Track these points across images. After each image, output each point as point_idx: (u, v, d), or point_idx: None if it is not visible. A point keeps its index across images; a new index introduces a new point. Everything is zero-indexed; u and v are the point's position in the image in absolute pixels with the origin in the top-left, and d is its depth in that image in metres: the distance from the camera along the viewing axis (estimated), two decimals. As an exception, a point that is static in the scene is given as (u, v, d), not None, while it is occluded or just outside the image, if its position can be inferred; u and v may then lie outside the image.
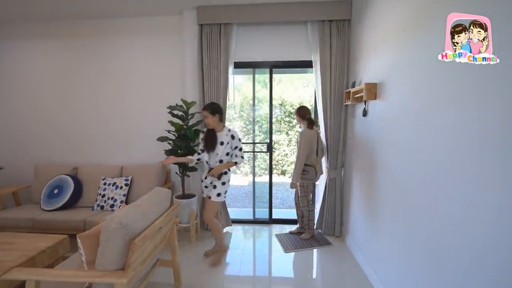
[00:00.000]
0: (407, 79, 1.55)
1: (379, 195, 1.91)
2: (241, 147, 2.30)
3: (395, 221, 1.68)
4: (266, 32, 2.81)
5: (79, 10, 2.81)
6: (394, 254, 1.68)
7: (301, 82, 5.75)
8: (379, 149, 1.94)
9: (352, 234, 2.52)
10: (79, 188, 2.81)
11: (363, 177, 2.25)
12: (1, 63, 3.18)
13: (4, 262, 1.60)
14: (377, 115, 1.99)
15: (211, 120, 2.18)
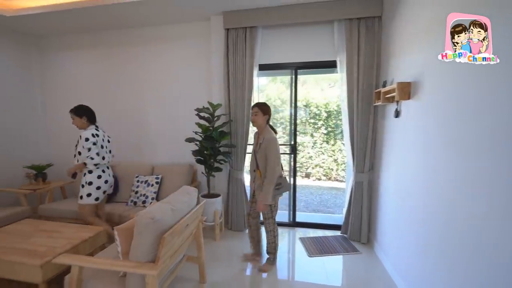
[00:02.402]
0: (446, 78, 1.43)
1: (414, 202, 1.79)
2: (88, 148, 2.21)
3: (431, 231, 1.56)
4: (290, 33, 2.80)
5: (118, 21, 3.07)
6: (431, 266, 1.55)
7: (327, 83, 5.62)
8: (413, 152, 1.82)
9: (382, 242, 2.39)
10: (116, 184, 3.05)
11: (395, 182, 2.12)
12: (53, 71, 3.60)
13: (54, 248, 1.80)
14: (411, 116, 1.87)
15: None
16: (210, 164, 2.76)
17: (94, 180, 2.30)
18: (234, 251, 2.55)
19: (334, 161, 5.51)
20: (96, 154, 2.25)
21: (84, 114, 2.32)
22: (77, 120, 2.30)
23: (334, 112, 5.36)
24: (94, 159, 2.24)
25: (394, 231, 2.13)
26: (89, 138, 2.23)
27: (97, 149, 2.27)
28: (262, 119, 2.12)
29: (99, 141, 2.32)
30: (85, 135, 2.23)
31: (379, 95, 2.27)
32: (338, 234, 2.90)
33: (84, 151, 2.23)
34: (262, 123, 2.13)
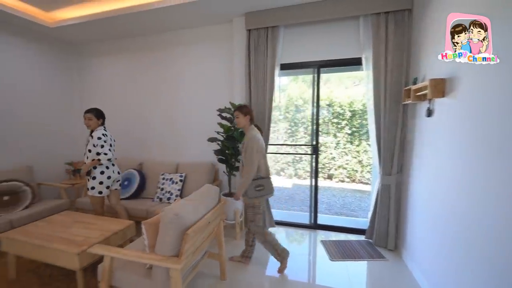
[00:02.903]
0: (488, 74, 1.30)
1: (451, 208, 1.65)
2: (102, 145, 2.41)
3: (472, 240, 1.42)
4: (313, 31, 2.75)
5: (145, 28, 3.24)
6: (470, 279, 1.42)
7: (352, 81, 5.41)
8: (448, 154, 1.68)
9: (412, 250, 2.24)
10: (143, 181, 3.23)
11: (429, 186, 1.98)
12: (89, 75, 3.92)
13: (89, 239, 1.95)
14: (445, 116, 1.73)
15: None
16: (231, 164, 2.80)
17: (97, 175, 2.46)
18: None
19: (359, 163, 5.28)
20: (108, 150, 2.44)
21: (101, 117, 2.56)
22: (94, 121, 2.49)
23: (359, 111, 5.14)
24: (107, 154, 2.42)
25: (426, 238, 1.98)
26: (101, 137, 2.44)
27: (107, 147, 2.46)
28: (244, 120, 2.13)
29: (108, 140, 2.51)
30: (97, 134, 2.44)
31: (409, 93, 2.13)
32: (362, 239, 2.78)
33: (96, 148, 2.42)
34: (245, 124, 2.15)
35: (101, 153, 2.40)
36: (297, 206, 4.35)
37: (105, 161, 2.44)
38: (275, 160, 5.86)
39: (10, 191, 2.76)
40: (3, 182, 2.76)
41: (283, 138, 5.59)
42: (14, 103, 3.18)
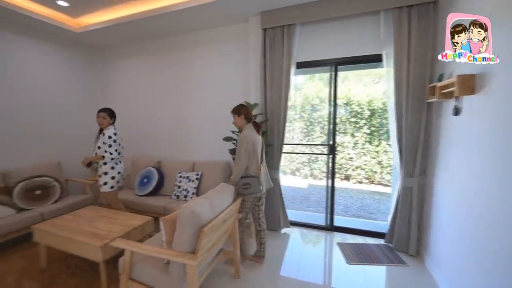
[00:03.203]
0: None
1: (481, 213, 1.54)
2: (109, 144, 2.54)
3: (504, 247, 1.32)
4: (330, 28, 2.68)
5: (164, 30, 3.34)
6: None
7: (371, 78, 5.22)
8: (478, 155, 1.57)
9: (436, 256, 2.12)
10: (162, 179, 3.33)
11: (456, 189, 1.86)
12: (112, 77, 4.11)
13: (111, 233, 2.05)
14: (475, 114, 1.61)
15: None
16: (247, 163, 2.81)
17: (109, 170, 2.60)
18: (268, 250, 2.55)
19: (378, 164, 5.09)
20: (114, 150, 2.59)
21: (113, 116, 2.71)
22: (107, 120, 2.64)
23: (379, 110, 4.94)
24: (112, 154, 2.57)
25: (453, 245, 1.86)
26: (112, 136, 2.58)
27: (116, 146, 2.61)
28: (239, 120, 2.17)
29: (118, 139, 2.66)
30: (108, 133, 2.59)
31: (434, 90, 2.02)
32: (382, 243, 2.67)
33: (105, 146, 2.55)
34: (242, 123, 2.18)
35: (107, 152, 2.55)
36: (313, 207, 4.28)
37: (108, 160, 2.58)
38: (290, 159, 5.81)
39: (42, 186, 2.97)
40: (36, 177, 2.97)
41: (298, 138, 5.52)
42: (44, 103, 3.41)
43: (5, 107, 2.99)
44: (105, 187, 2.60)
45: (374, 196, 4.76)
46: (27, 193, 2.82)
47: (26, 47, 3.19)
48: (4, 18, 2.91)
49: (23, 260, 2.38)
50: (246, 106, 2.23)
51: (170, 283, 1.52)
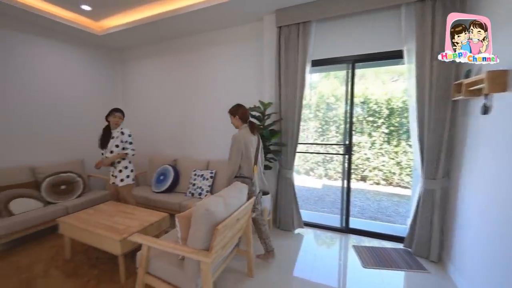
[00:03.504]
0: None
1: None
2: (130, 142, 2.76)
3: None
4: (347, 24, 2.61)
5: (180, 30, 3.40)
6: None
7: (390, 76, 5.02)
8: (510, 156, 1.45)
9: (460, 264, 2.00)
10: (177, 176, 3.41)
11: (484, 193, 1.74)
12: (131, 77, 4.25)
13: (129, 228, 2.13)
14: (507, 113, 1.50)
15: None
16: (260, 162, 2.81)
17: (128, 165, 2.81)
18: (281, 250, 2.53)
19: (397, 164, 4.89)
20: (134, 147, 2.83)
21: (124, 116, 2.86)
22: (122, 120, 2.81)
23: (398, 109, 4.75)
24: (134, 150, 2.80)
25: (480, 252, 1.75)
26: (131, 135, 2.80)
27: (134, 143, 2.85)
28: (235, 120, 2.21)
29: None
30: (127, 132, 2.78)
31: (460, 87, 1.90)
32: (400, 247, 2.57)
33: (125, 144, 2.75)
34: (237, 123, 2.22)
35: (129, 149, 2.75)
36: (327, 208, 4.19)
37: (131, 157, 2.79)
38: (304, 159, 5.73)
39: (67, 181, 3.14)
40: (61, 173, 3.15)
41: (313, 137, 5.43)
42: (69, 104, 3.60)
43: (33, 107, 3.19)
44: (127, 179, 2.79)
45: (392, 198, 4.59)
46: (54, 188, 3.00)
47: (53, 51, 3.38)
48: (34, 23, 3.10)
49: (50, 250, 2.54)
50: (242, 107, 2.21)
51: (185, 278, 1.55)
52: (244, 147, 2.07)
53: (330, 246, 2.71)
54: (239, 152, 2.06)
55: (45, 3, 2.86)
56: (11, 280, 2.07)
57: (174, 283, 1.60)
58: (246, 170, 2.12)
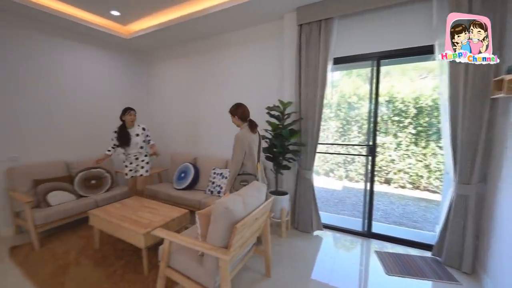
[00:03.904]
0: None
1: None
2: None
3: None
4: (372, 19, 2.49)
5: (202, 32, 3.47)
6: None
7: (418, 73, 4.73)
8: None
9: (497, 276, 1.83)
10: (197, 174, 3.50)
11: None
12: (155, 78, 4.44)
13: (152, 222, 2.22)
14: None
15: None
16: (279, 162, 2.79)
17: (148, 159, 3.16)
18: (299, 251, 2.50)
19: (425, 167, 4.59)
20: None
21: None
22: (136, 117, 3.05)
23: (427, 108, 4.45)
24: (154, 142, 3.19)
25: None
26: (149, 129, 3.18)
27: None
28: (235, 120, 2.29)
29: None
30: (145, 126, 3.12)
31: (501, 84, 1.73)
32: (428, 255, 2.41)
33: (149, 138, 3.14)
34: (238, 123, 2.29)
35: (151, 141, 3.15)
36: (348, 211, 4.06)
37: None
38: (324, 160, 5.59)
39: (96, 177, 3.36)
40: (92, 169, 3.37)
41: (333, 137, 5.28)
42: (97, 103, 3.83)
43: (68, 108, 3.45)
44: (150, 171, 3.20)
45: (419, 203, 4.32)
46: (85, 182, 3.22)
47: (85, 55, 3.63)
48: (67, 28, 3.34)
49: (81, 240, 2.73)
50: (241, 106, 2.27)
51: (204, 274, 1.58)
52: (248, 146, 2.15)
53: (350, 250, 2.62)
54: (242, 151, 2.14)
55: (79, 10, 3.07)
56: (48, 265, 2.26)
57: (193, 278, 1.65)
58: (250, 167, 2.19)
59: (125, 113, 2.97)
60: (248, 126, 2.24)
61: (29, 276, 2.10)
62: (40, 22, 3.10)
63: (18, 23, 2.93)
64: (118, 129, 2.98)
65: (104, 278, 2.06)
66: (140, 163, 3.09)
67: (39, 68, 3.13)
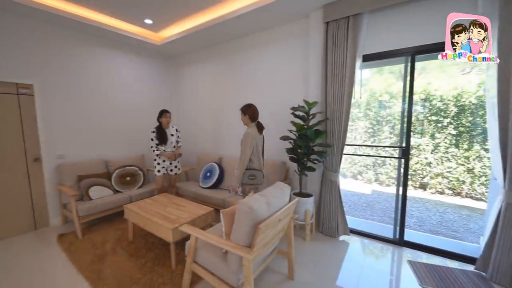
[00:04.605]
0: None
1: None
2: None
3: None
4: (405, 12, 2.33)
5: (227, 34, 3.55)
6: None
7: (459, 68, 4.29)
8: None
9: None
10: (222, 173, 3.58)
11: None
12: (183, 81, 4.64)
13: (180, 218, 2.32)
14: None
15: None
16: (303, 163, 2.74)
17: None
18: (323, 256, 2.42)
19: (468, 172, 4.15)
20: None
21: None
22: (171, 119, 3.28)
23: (471, 106, 4.02)
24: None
25: None
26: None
27: None
28: (245, 119, 2.43)
29: None
30: (177, 128, 3.35)
31: None
32: (471, 269, 2.18)
33: (178, 139, 3.38)
34: (247, 122, 2.44)
35: (180, 142, 3.41)
36: (377, 216, 3.83)
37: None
38: (352, 162, 5.35)
39: (131, 174, 3.61)
40: (127, 166, 3.63)
41: (362, 138, 5.04)
42: (131, 105, 4.12)
43: (106, 110, 3.76)
44: (181, 169, 3.47)
45: (461, 211, 3.92)
46: (121, 179, 3.48)
47: (122, 61, 3.93)
48: (105, 37, 3.65)
49: (117, 232, 2.96)
50: (252, 107, 2.43)
51: (228, 272, 1.62)
52: (255, 143, 2.34)
53: (379, 258, 2.47)
54: (251, 147, 2.32)
55: (118, 20, 3.33)
56: (88, 253, 2.48)
57: (217, 274, 1.69)
58: (256, 163, 2.38)
59: (161, 115, 3.22)
60: (256, 126, 2.42)
61: (73, 262, 2.33)
62: (89, 34, 3.46)
63: (76, 36, 3.29)
64: (156, 129, 3.20)
65: (136, 269, 2.21)
66: (174, 162, 3.33)
67: (86, 75, 3.48)
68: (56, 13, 2.83)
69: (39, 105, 3.04)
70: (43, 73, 3.07)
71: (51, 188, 3.16)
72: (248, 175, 2.36)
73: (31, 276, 2.15)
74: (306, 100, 2.70)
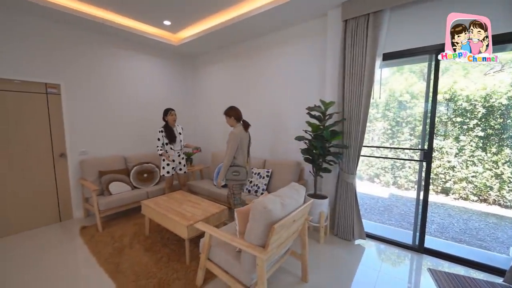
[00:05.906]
0: None
1: None
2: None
3: None
4: (429, 8, 2.23)
5: (244, 35, 3.56)
6: None
7: (489, 66, 4.03)
8: None
9: None
10: (236, 173, 3.60)
11: None
12: (200, 81, 4.72)
13: (195, 216, 2.36)
14: None
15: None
16: (319, 164, 2.69)
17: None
18: (338, 259, 2.37)
19: (496, 177, 3.89)
20: None
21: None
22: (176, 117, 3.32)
23: (501, 107, 3.77)
24: None
25: None
26: None
27: None
28: (231, 121, 2.56)
29: None
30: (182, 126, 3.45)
31: None
32: (499, 281, 2.03)
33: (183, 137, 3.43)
34: (233, 123, 2.56)
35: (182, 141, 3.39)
36: (395, 221, 3.69)
37: None
38: (369, 164, 5.19)
39: (148, 171, 3.73)
40: (144, 163, 3.75)
41: (380, 140, 4.87)
42: (150, 105, 4.24)
43: (126, 108, 3.91)
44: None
45: (487, 219, 3.68)
46: (138, 175, 3.60)
47: (142, 62, 4.06)
48: (125, 39, 3.78)
49: (134, 227, 3.06)
50: (235, 109, 2.57)
51: (241, 271, 1.62)
52: (240, 142, 2.45)
53: (397, 265, 2.38)
54: (235, 146, 2.44)
55: (138, 22, 3.45)
56: (107, 246, 2.59)
57: (231, 273, 1.70)
58: (240, 160, 2.51)
59: (167, 114, 3.23)
60: (242, 125, 2.54)
61: (94, 254, 2.44)
62: (111, 36, 3.60)
63: (98, 38, 3.45)
64: (163, 128, 3.22)
65: (152, 263, 2.27)
66: (181, 161, 3.37)
67: (108, 75, 3.63)
68: (80, 15, 2.95)
69: (65, 104, 3.22)
70: (69, 73, 3.24)
71: (74, 183, 3.33)
72: (232, 171, 2.49)
73: (56, 266, 2.27)
74: (322, 100, 2.65)
